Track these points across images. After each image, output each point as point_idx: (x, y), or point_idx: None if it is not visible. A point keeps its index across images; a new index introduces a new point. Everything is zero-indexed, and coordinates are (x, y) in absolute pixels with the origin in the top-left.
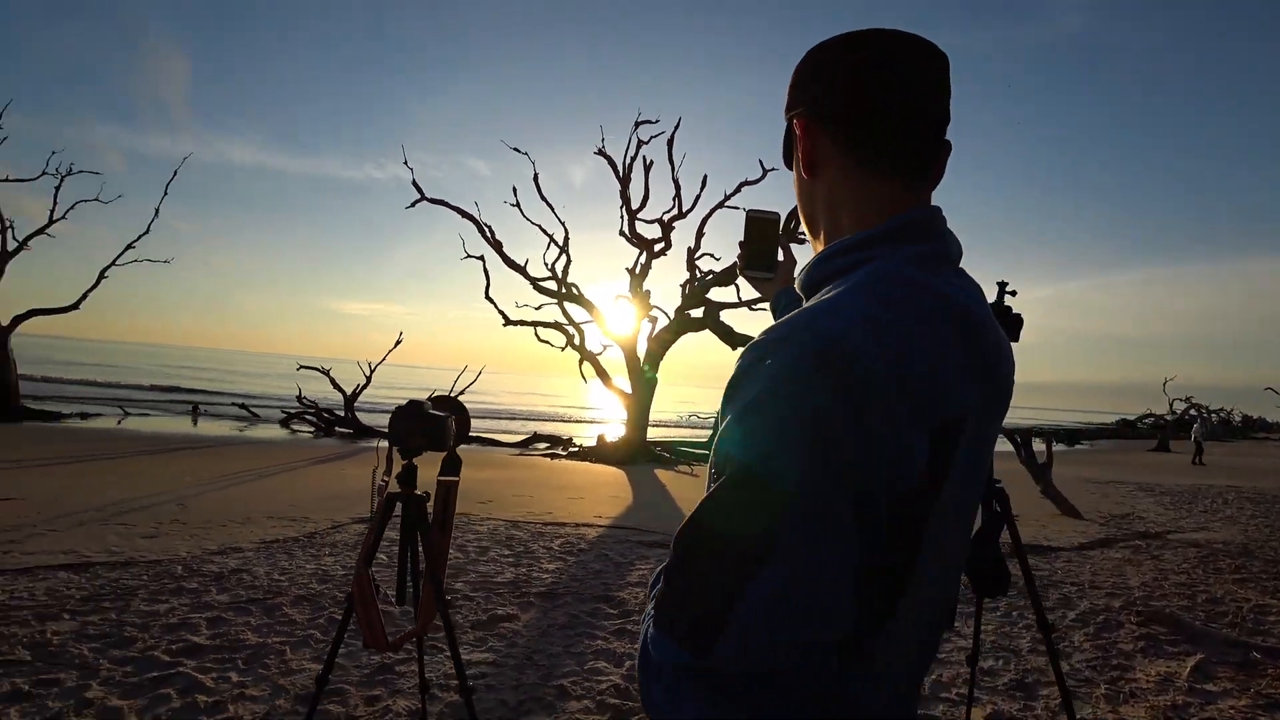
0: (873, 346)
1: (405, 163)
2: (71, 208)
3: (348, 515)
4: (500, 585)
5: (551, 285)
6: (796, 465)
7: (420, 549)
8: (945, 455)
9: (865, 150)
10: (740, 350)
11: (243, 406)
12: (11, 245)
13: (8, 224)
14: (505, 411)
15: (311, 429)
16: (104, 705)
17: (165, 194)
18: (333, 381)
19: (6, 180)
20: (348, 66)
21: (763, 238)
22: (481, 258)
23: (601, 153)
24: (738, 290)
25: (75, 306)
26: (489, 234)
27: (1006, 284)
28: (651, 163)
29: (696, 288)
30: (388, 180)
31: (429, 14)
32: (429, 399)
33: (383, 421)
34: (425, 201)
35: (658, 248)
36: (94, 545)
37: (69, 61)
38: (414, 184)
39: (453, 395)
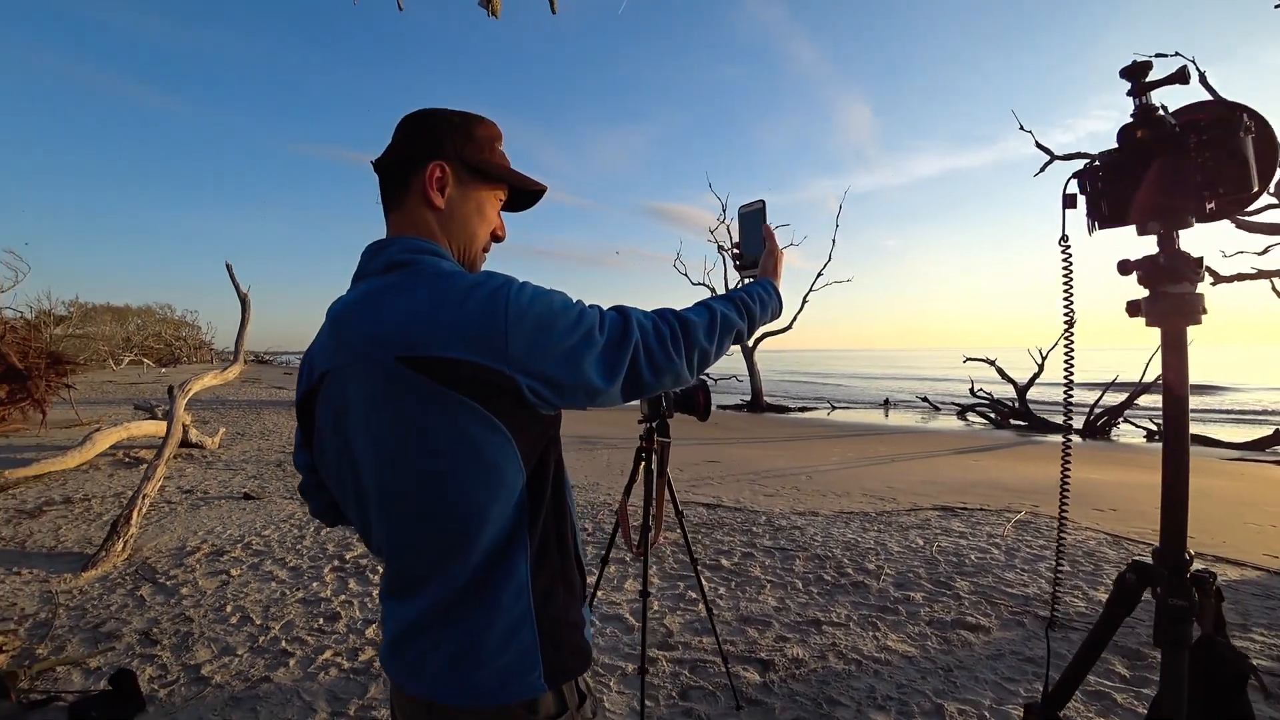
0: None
1: (1021, 127)
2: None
3: (931, 502)
4: (1008, 596)
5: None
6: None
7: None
8: (315, 395)
9: None
10: None
11: (925, 400)
12: None
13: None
14: (1235, 404)
15: (984, 421)
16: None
17: (837, 226)
18: (1000, 371)
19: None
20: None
21: (745, 231)
22: None
23: None
24: None
25: (789, 328)
26: None
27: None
28: None
29: None
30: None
31: None
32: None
33: (1057, 412)
34: (1058, 161)
35: None
36: (729, 494)
37: (793, 142)
38: (1038, 145)
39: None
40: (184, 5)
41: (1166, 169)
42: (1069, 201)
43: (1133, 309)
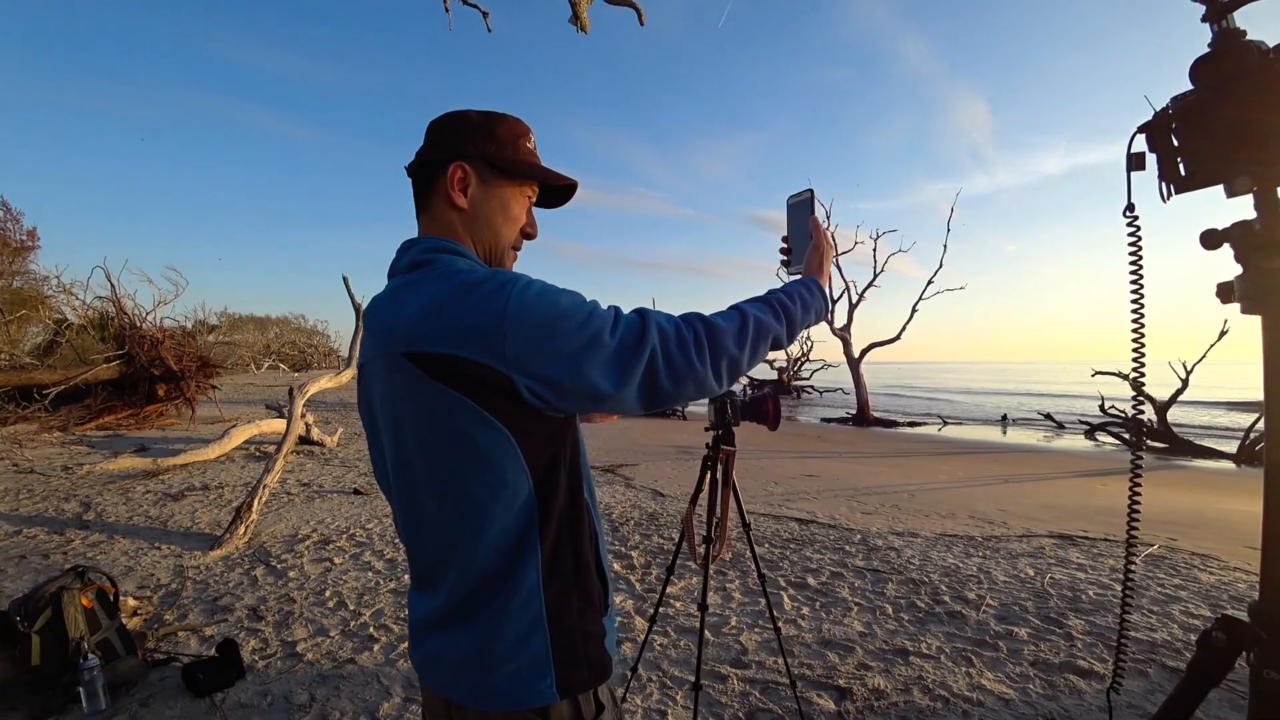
0: None
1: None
2: (887, 260)
3: (1047, 529)
4: (1131, 640)
5: None
6: None
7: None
8: (361, 384)
9: None
10: None
11: (1047, 417)
12: (854, 299)
13: (850, 282)
14: None
15: (1117, 442)
16: (753, 578)
17: (949, 230)
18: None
19: (844, 253)
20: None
21: (793, 223)
22: None
23: None
24: None
25: (898, 338)
26: None
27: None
28: None
29: None
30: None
31: None
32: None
33: (1204, 434)
34: None
35: None
36: (825, 511)
37: (903, 144)
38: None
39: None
40: (305, 40)
41: (1256, 106)
42: (1135, 162)
43: (1224, 293)
